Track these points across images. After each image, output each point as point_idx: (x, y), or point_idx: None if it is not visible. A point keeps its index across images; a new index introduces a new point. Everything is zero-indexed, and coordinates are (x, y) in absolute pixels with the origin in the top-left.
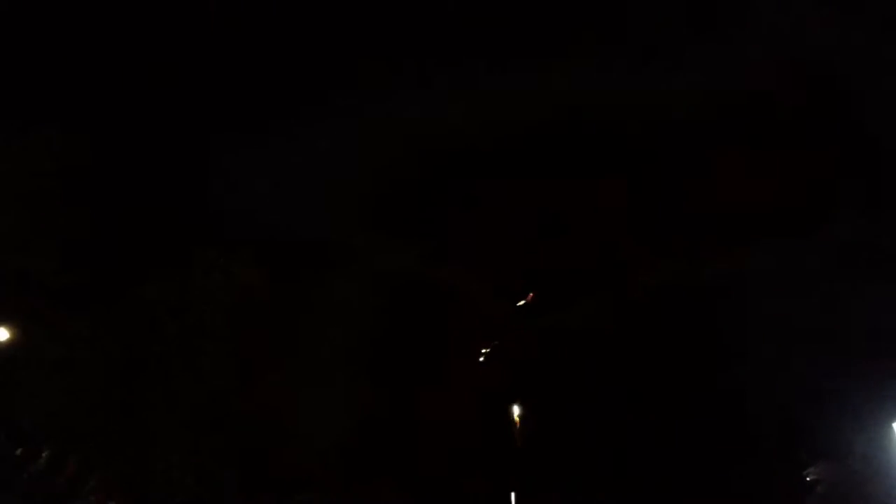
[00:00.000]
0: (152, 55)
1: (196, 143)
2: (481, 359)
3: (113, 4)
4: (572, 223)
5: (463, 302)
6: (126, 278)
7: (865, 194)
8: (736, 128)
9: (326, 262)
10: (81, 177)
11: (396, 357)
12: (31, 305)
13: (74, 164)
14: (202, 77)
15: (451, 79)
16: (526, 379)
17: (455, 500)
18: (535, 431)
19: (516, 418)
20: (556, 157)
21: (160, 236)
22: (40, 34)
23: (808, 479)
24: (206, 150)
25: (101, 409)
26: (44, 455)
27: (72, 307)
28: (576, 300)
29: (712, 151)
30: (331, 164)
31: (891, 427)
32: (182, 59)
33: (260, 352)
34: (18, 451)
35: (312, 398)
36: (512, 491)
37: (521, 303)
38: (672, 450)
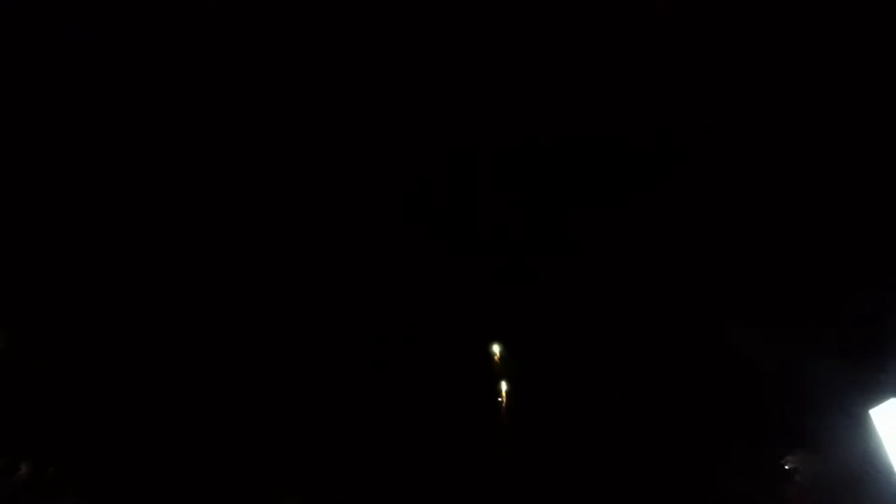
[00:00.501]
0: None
1: (190, 144)
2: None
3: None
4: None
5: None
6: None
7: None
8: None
9: (320, 262)
10: (74, 176)
11: (389, 358)
12: (13, 310)
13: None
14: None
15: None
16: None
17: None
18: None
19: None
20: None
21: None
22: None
23: (786, 467)
24: (201, 151)
25: (83, 417)
26: (22, 465)
27: (54, 312)
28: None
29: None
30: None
31: (868, 414)
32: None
33: (249, 355)
34: None
35: (303, 402)
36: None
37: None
38: (648, 440)
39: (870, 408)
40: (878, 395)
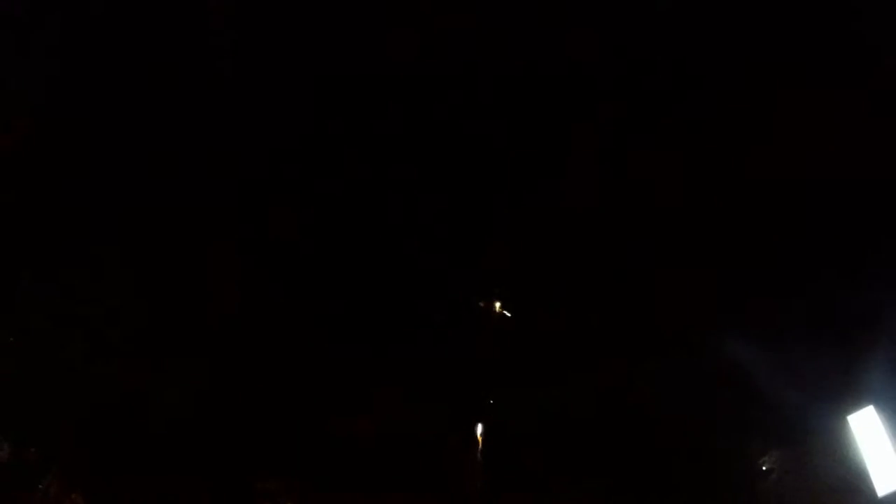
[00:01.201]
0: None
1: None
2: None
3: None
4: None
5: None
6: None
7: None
8: None
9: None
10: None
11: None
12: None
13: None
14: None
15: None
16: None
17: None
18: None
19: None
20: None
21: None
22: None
23: (762, 468)
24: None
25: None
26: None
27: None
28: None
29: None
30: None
31: (846, 419)
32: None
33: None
34: None
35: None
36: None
37: None
38: (625, 438)
39: (848, 414)
40: (856, 403)
